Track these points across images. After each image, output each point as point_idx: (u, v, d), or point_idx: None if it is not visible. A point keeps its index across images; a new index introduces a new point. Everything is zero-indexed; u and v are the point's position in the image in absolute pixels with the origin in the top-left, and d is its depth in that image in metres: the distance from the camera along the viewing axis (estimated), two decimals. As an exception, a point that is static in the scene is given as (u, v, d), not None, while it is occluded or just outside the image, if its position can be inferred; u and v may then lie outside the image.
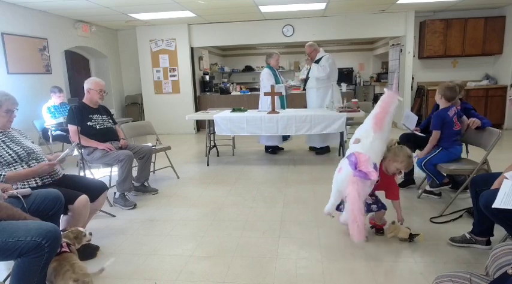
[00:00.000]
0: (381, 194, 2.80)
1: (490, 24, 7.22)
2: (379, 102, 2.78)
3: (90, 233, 2.30)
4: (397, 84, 2.34)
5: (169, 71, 8.28)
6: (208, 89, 9.07)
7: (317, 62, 5.42)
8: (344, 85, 7.77)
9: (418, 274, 2.25)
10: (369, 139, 2.59)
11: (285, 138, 5.79)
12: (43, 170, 2.43)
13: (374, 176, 2.37)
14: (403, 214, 2.75)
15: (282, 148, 6.05)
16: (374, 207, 2.73)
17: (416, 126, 3.79)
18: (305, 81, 5.68)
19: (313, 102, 5.64)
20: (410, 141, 3.74)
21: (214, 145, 5.81)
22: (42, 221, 1.97)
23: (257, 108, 5.72)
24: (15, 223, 1.84)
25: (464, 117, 3.35)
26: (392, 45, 8.41)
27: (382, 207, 2.75)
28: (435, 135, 3.33)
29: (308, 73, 5.54)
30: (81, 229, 2.26)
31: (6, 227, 1.80)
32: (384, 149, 2.67)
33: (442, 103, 3.32)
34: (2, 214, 1.86)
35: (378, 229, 2.83)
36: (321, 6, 6.55)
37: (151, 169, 4.41)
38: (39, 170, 2.41)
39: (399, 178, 3.99)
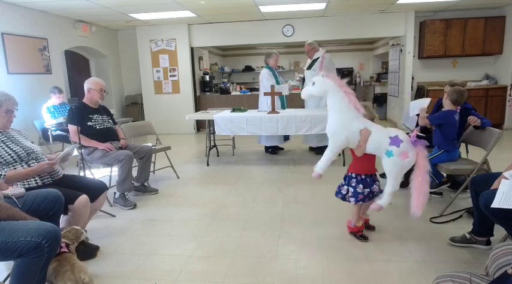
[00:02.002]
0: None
1: (490, 24, 7.22)
2: (338, 89, 2.53)
3: (85, 230, 2.32)
4: (322, 64, 2.19)
5: (169, 71, 8.28)
6: (208, 89, 9.07)
7: (315, 61, 5.42)
8: (344, 86, 7.76)
9: (418, 274, 2.25)
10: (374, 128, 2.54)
11: (286, 138, 5.79)
12: (43, 169, 2.43)
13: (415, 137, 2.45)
14: (403, 214, 2.74)
15: (282, 148, 6.04)
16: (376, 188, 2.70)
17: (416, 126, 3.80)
18: (303, 80, 5.69)
19: (311, 102, 5.62)
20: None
21: (214, 145, 5.81)
22: (41, 221, 1.97)
23: (257, 108, 5.72)
24: (15, 223, 1.84)
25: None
26: (392, 45, 8.41)
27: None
28: (427, 122, 3.30)
29: (303, 82, 5.55)
30: (76, 227, 2.27)
31: (6, 227, 1.80)
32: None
33: (447, 105, 3.30)
34: (2, 214, 1.86)
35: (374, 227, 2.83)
36: (321, 6, 6.55)
37: (151, 169, 4.41)
38: (39, 169, 2.41)
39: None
